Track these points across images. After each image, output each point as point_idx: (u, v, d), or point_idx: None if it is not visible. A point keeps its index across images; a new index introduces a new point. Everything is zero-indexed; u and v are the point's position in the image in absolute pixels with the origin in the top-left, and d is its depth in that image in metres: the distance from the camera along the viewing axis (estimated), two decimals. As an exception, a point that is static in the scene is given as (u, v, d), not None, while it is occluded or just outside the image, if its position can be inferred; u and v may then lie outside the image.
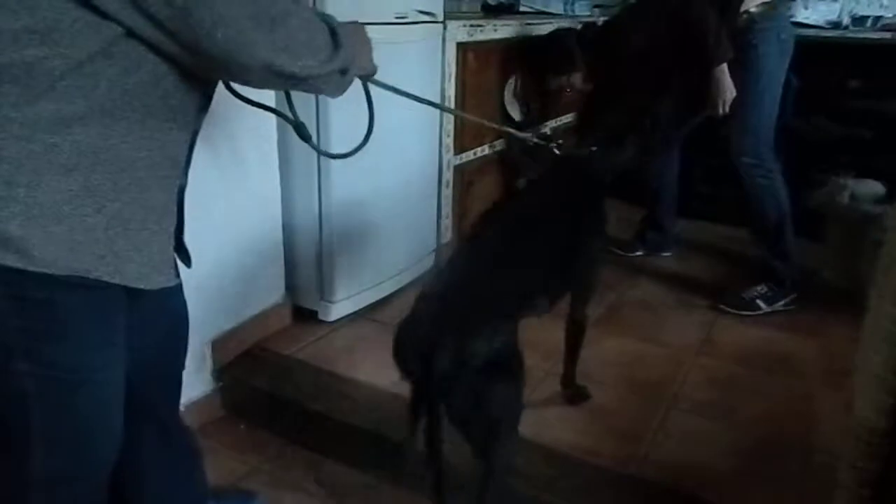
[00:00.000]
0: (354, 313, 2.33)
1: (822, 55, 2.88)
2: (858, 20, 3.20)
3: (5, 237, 0.82)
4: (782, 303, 2.45)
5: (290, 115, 1.24)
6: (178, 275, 1.06)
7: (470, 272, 1.32)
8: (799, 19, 3.12)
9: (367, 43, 1.17)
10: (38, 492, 1.01)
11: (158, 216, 0.96)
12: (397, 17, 2.14)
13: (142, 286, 0.94)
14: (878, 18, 3.17)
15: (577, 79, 2.71)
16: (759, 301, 2.45)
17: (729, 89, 2.35)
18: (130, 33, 0.82)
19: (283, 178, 2.12)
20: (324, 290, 2.24)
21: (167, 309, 1.13)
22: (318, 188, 2.13)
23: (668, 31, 2.41)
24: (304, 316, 2.28)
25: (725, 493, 1.59)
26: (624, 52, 2.52)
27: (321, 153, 1.28)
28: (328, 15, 1.02)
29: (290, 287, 2.27)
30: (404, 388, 1.93)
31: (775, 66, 2.38)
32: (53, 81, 0.80)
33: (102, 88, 0.83)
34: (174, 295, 1.11)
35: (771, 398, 1.97)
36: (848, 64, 3.02)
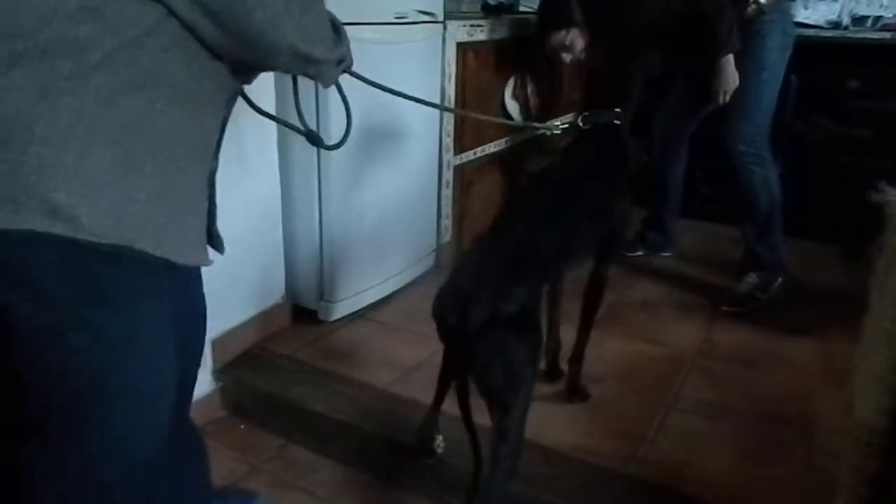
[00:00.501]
0: (354, 313, 2.33)
1: (822, 55, 2.88)
2: (858, 20, 3.20)
3: (54, 205, 0.83)
4: (776, 287, 2.48)
5: (300, 125, 1.28)
6: (208, 258, 1.07)
7: (503, 241, 1.46)
8: (799, 19, 3.12)
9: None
10: (97, 464, 1.02)
11: (193, 196, 0.99)
12: (397, 17, 2.15)
13: (181, 261, 0.96)
14: (878, 18, 3.17)
15: (575, 39, 2.56)
16: (755, 292, 2.47)
17: (733, 79, 2.36)
18: (171, 13, 0.87)
19: (283, 177, 2.12)
20: (324, 290, 2.25)
21: (190, 298, 1.15)
22: (318, 188, 2.13)
23: (677, 15, 2.39)
24: (304, 316, 2.29)
25: (725, 493, 1.59)
26: (629, 27, 2.46)
27: (324, 147, 1.33)
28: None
29: (290, 287, 2.27)
30: (404, 388, 1.95)
31: (778, 59, 2.40)
32: (103, 57, 0.83)
33: (145, 65, 0.87)
34: (196, 286, 1.16)
35: (771, 398, 1.97)
36: (848, 64, 3.02)
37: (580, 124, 1.77)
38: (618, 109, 1.77)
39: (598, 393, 1.91)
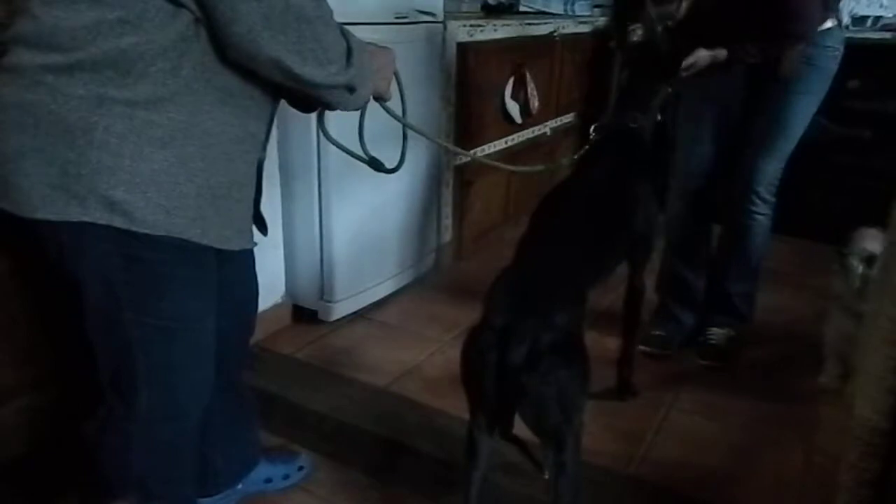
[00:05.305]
0: (354, 313, 2.33)
1: (822, 55, 2.87)
2: (858, 20, 3.19)
3: (112, 201, 0.94)
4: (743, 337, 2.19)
5: (362, 153, 1.37)
6: (253, 239, 1.17)
7: (529, 267, 1.37)
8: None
9: (385, 67, 1.22)
10: (143, 428, 1.16)
11: (241, 186, 1.07)
12: (397, 17, 2.14)
13: (226, 247, 1.06)
14: (878, 18, 3.17)
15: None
16: (731, 345, 2.16)
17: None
18: (199, 20, 0.93)
19: (283, 178, 2.13)
20: (324, 290, 2.24)
21: (243, 278, 1.28)
22: (318, 188, 2.13)
23: None
24: (304, 316, 2.29)
25: (725, 493, 1.59)
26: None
27: (385, 171, 1.43)
28: (351, 35, 1.07)
29: (290, 287, 2.27)
30: (404, 388, 1.94)
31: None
32: (146, 66, 0.92)
33: (187, 70, 0.94)
34: (249, 268, 1.30)
35: (771, 399, 1.97)
36: (848, 64, 3.02)
37: (592, 133, 1.74)
38: (637, 114, 1.72)
39: (598, 393, 1.91)
